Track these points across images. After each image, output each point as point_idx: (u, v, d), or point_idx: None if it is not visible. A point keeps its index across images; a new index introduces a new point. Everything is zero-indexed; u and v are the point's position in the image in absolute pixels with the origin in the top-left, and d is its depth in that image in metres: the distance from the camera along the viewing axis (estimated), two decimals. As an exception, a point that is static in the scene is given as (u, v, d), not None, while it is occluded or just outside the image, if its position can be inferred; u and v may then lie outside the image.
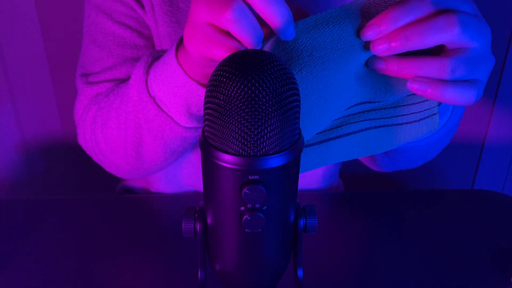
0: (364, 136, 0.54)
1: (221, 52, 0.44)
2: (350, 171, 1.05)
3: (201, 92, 0.55)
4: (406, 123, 0.53)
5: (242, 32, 0.43)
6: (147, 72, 0.59)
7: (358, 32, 0.46)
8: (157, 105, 0.59)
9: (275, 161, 0.35)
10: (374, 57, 0.47)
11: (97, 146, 0.70)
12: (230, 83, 0.33)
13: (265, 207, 0.37)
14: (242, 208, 0.37)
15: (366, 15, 0.46)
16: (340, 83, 0.47)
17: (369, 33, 0.45)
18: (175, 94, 0.57)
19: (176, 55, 0.55)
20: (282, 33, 0.43)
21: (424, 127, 0.53)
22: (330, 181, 0.88)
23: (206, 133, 0.36)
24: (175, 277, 0.62)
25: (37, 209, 0.74)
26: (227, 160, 0.35)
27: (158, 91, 0.58)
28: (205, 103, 0.36)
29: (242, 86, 0.33)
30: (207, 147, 0.36)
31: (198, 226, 0.41)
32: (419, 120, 0.53)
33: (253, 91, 0.33)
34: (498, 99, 1.25)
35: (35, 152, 1.31)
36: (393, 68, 0.46)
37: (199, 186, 0.81)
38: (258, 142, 0.34)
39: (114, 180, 0.91)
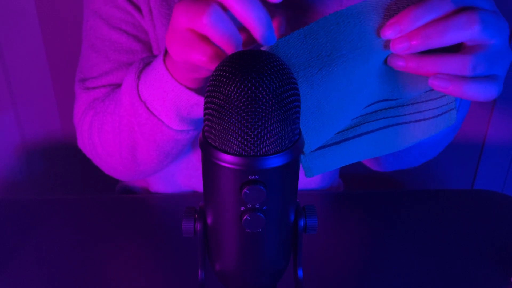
0: (383, 134, 0.54)
1: (200, 57, 0.45)
2: (350, 171, 1.05)
3: (190, 96, 0.56)
4: (424, 119, 0.53)
5: (219, 37, 0.43)
6: (138, 78, 0.60)
7: (378, 31, 0.46)
8: (148, 109, 0.60)
9: (275, 161, 0.35)
10: (393, 54, 0.47)
11: (95, 150, 0.72)
12: (230, 83, 0.33)
13: (265, 207, 0.37)
14: (242, 208, 0.37)
15: (386, 13, 0.46)
16: (360, 81, 0.47)
17: (389, 32, 0.45)
18: (165, 99, 0.57)
19: (164, 60, 0.56)
20: (261, 38, 0.43)
21: (442, 123, 0.54)
22: (330, 181, 0.88)
23: (206, 133, 0.36)
24: (175, 277, 0.62)
25: (37, 209, 0.74)
26: (227, 160, 0.35)
27: (148, 95, 0.59)
28: (205, 103, 0.36)
29: (242, 86, 0.33)
30: (207, 147, 0.36)
31: (198, 226, 0.42)
32: (437, 116, 0.53)
33: (253, 91, 0.33)
34: (498, 99, 1.25)
35: (35, 152, 1.31)
36: (413, 66, 0.46)
37: (198, 187, 0.81)
38: (258, 142, 0.34)
39: (113, 180, 0.91)
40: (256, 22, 0.42)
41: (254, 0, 0.43)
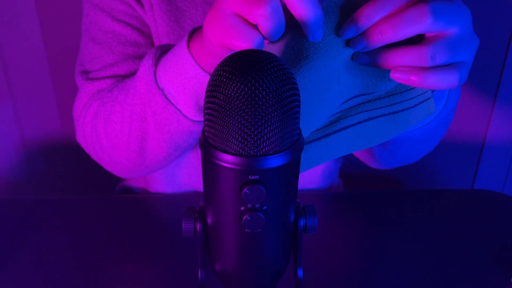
0: (364, 128, 0.55)
1: (243, 43, 0.44)
2: (350, 171, 1.05)
3: None
4: (402, 110, 0.54)
5: (271, 29, 0.43)
6: (156, 65, 0.59)
7: (337, 31, 0.47)
8: (166, 97, 0.59)
9: (275, 161, 0.35)
10: (357, 51, 0.48)
11: (98, 142, 0.70)
12: (230, 83, 0.33)
13: (265, 207, 0.37)
14: (242, 208, 0.37)
15: (343, 12, 0.47)
16: (328, 80, 0.48)
17: (347, 32, 0.46)
18: (185, 86, 0.57)
19: (188, 46, 0.55)
20: (312, 35, 0.45)
21: (421, 113, 0.54)
22: (330, 181, 0.88)
23: (206, 133, 0.36)
24: (175, 277, 0.62)
25: (37, 209, 0.74)
26: (227, 160, 0.35)
27: (167, 83, 0.58)
28: (205, 103, 0.36)
29: (242, 86, 0.33)
30: (207, 147, 0.36)
31: (198, 226, 0.41)
32: (414, 106, 0.54)
33: (253, 91, 0.33)
34: (498, 99, 1.25)
35: (35, 152, 1.31)
36: (376, 61, 0.48)
37: (198, 186, 0.81)
38: (258, 142, 0.34)
39: (114, 180, 0.91)
40: (313, 21, 0.43)
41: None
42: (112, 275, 0.63)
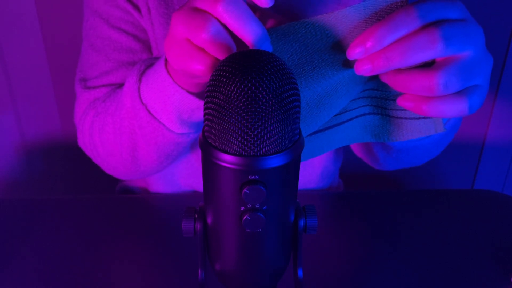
0: (368, 120, 0.54)
1: (199, 66, 0.45)
2: (350, 171, 1.05)
3: (191, 100, 0.56)
4: (406, 118, 0.53)
5: (217, 50, 0.44)
6: (140, 80, 0.60)
7: (344, 46, 0.45)
8: (149, 112, 0.60)
9: (275, 161, 0.35)
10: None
11: (96, 150, 0.72)
12: (230, 83, 0.33)
13: (265, 207, 0.37)
14: (242, 208, 0.37)
15: (351, 29, 0.45)
16: (334, 83, 0.48)
17: (354, 52, 0.44)
18: (166, 102, 0.58)
19: (166, 64, 0.56)
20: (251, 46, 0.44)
21: (426, 126, 0.52)
22: (330, 181, 0.88)
23: (206, 133, 0.36)
24: (175, 277, 0.62)
25: (37, 209, 0.74)
26: (227, 160, 0.35)
27: (149, 99, 0.59)
28: (205, 103, 0.36)
29: (242, 86, 0.33)
30: (207, 147, 0.36)
31: (198, 226, 0.42)
32: (418, 118, 0.52)
33: (253, 91, 0.33)
34: (498, 99, 1.25)
35: (35, 152, 1.31)
36: (388, 81, 0.46)
37: (198, 187, 0.81)
38: (258, 142, 0.34)
39: (114, 180, 0.91)
40: (254, 37, 0.43)
41: (249, 14, 0.43)
42: (112, 275, 0.63)
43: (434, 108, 0.44)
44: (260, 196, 0.36)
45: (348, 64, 0.47)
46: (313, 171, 0.82)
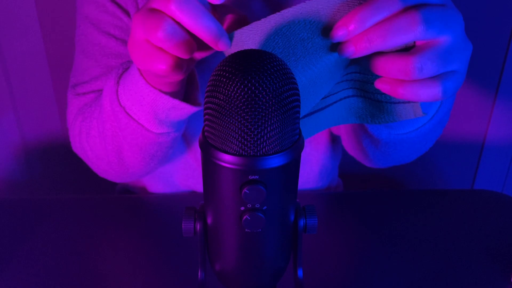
0: (351, 102, 0.54)
1: (160, 66, 0.47)
2: (349, 171, 1.05)
3: (166, 99, 0.57)
4: (386, 102, 0.53)
5: (174, 48, 0.45)
6: (118, 83, 0.61)
7: (325, 32, 0.46)
8: (128, 114, 0.61)
9: (275, 161, 0.35)
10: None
11: (86, 154, 0.74)
12: (230, 83, 0.33)
13: (265, 207, 0.37)
14: (242, 208, 0.37)
15: (336, 11, 0.46)
16: (318, 76, 0.48)
17: (339, 35, 0.44)
18: (141, 103, 0.59)
19: None
20: (215, 46, 0.44)
21: (405, 111, 0.53)
22: (328, 180, 0.88)
23: (206, 133, 0.36)
24: (175, 277, 0.62)
25: (37, 209, 0.74)
26: (227, 160, 0.35)
27: (126, 100, 0.60)
28: (205, 103, 0.36)
29: (242, 86, 0.33)
30: (207, 147, 0.36)
31: (198, 226, 0.42)
32: (399, 102, 0.52)
33: (253, 91, 0.33)
34: (498, 99, 1.25)
35: (35, 152, 1.31)
36: (369, 65, 0.47)
37: (196, 187, 0.81)
38: (258, 142, 0.34)
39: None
40: (208, 34, 0.44)
41: (201, 11, 0.44)
42: (112, 275, 0.63)
43: (409, 91, 0.45)
44: (260, 196, 0.36)
45: (331, 49, 0.47)
46: (311, 170, 0.82)
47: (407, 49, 0.45)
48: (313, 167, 0.82)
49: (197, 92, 0.60)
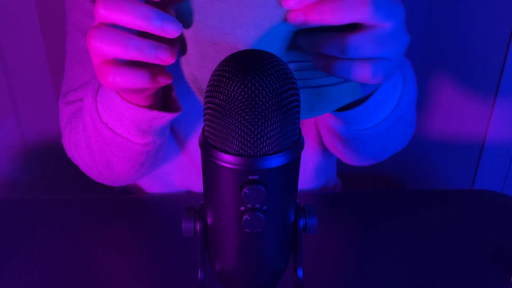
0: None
1: (132, 81, 0.46)
2: (349, 171, 1.05)
3: (144, 112, 0.57)
4: (324, 85, 0.53)
5: (139, 57, 0.44)
6: (96, 101, 0.61)
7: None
8: (111, 129, 0.61)
9: (275, 161, 0.35)
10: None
11: (77, 162, 0.75)
12: (230, 83, 0.33)
13: (265, 207, 0.37)
14: (242, 208, 0.37)
15: None
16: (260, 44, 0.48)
17: (290, 3, 0.45)
18: (121, 119, 0.58)
19: None
20: (163, 33, 0.44)
21: (343, 93, 0.53)
22: (324, 179, 0.87)
23: (206, 133, 0.36)
24: (175, 277, 0.62)
25: (37, 209, 0.74)
26: (227, 160, 0.35)
27: (107, 117, 0.60)
28: (205, 103, 0.36)
29: (242, 86, 0.33)
30: (207, 147, 0.36)
31: (198, 226, 0.42)
32: (335, 84, 0.52)
33: (253, 91, 0.33)
34: (498, 99, 1.25)
35: (35, 153, 1.31)
36: (307, 44, 0.48)
37: (193, 187, 0.81)
38: (258, 142, 0.34)
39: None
40: (144, 22, 0.43)
41: (133, 3, 0.43)
42: (111, 275, 0.63)
43: (342, 68, 0.46)
44: (260, 196, 0.36)
45: (282, 18, 0.47)
46: (307, 169, 0.82)
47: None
48: (308, 165, 0.82)
49: (175, 97, 0.60)
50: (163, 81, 0.48)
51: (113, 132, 0.61)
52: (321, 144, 0.82)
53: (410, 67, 0.67)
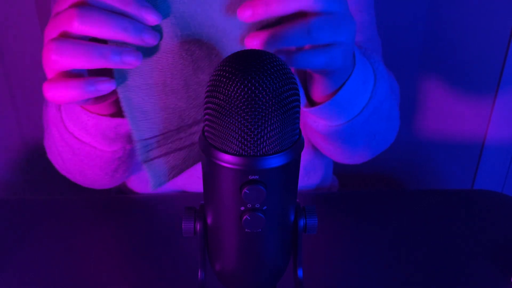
0: None
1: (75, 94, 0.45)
2: (348, 171, 1.05)
3: (107, 121, 0.55)
4: None
5: (107, 64, 0.44)
6: (60, 110, 0.60)
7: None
8: (78, 139, 0.60)
9: (275, 161, 0.35)
10: (250, 35, 0.48)
11: (56, 167, 0.73)
12: (230, 83, 0.33)
13: (265, 207, 0.37)
14: (242, 208, 0.37)
15: None
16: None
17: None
18: (86, 128, 0.57)
19: None
20: (141, 43, 0.44)
21: None
22: (319, 179, 0.87)
23: (206, 133, 0.36)
24: (175, 277, 0.62)
25: (37, 209, 0.74)
26: (227, 160, 0.35)
27: (73, 127, 0.59)
28: (205, 103, 0.36)
29: (242, 86, 0.33)
30: (207, 147, 0.36)
31: (198, 226, 0.41)
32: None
33: (253, 91, 0.33)
34: (498, 99, 1.25)
35: (35, 152, 1.31)
36: (268, 37, 0.48)
37: (185, 187, 0.81)
38: (258, 142, 0.34)
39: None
40: (126, 34, 0.43)
41: (109, 16, 0.43)
42: (111, 275, 0.63)
43: (302, 58, 0.48)
44: (260, 196, 0.36)
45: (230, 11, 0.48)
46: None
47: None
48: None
49: None
50: (104, 88, 0.46)
51: (80, 141, 0.60)
52: (309, 143, 0.82)
53: (381, 63, 0.67)
